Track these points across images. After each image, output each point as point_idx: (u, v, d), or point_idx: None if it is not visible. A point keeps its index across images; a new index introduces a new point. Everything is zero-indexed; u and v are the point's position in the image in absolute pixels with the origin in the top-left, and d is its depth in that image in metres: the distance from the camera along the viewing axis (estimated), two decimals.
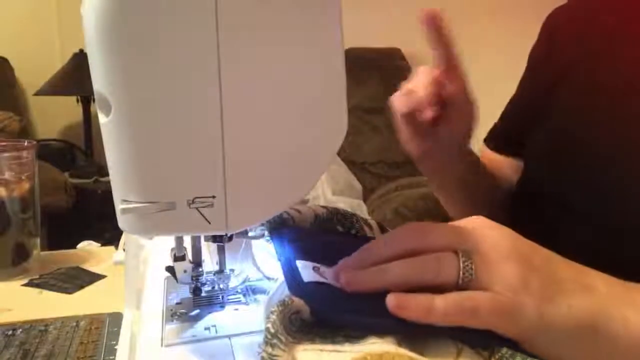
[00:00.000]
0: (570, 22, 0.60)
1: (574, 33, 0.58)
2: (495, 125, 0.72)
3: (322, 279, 0.34)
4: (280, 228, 0.42)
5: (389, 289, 0.32)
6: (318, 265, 0.35)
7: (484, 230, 0.35)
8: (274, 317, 0.29)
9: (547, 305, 0.32)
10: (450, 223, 0.36)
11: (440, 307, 0.30)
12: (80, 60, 2.01)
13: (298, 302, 0.30)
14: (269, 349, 0.28)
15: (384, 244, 0.36)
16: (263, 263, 0.42)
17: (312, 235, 0.42)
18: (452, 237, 0.34)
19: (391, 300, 0.31)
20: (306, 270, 0.34)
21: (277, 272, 0.38)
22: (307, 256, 0.36)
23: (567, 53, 0.57)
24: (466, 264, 0.32)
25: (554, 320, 0.32)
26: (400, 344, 0.30)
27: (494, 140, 0.71)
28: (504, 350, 0.31)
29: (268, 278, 0.41)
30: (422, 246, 0.34)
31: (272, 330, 0.28)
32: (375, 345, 0.29)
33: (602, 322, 0.32)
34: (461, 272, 0.32)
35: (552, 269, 0.34)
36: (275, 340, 0.28)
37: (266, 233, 0.42)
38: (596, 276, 0.35)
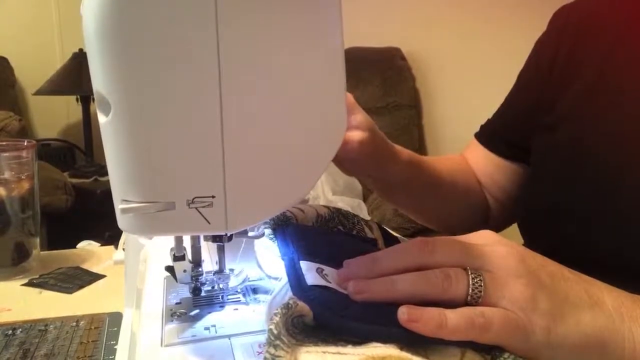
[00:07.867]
0: (580, 21, 0.58)
1: (584, 32, 0.56)
2: (490, 121, 0.69)
3: (325, 283, 0.33)
4: (284, 226, 0.42)
5: (396, 301, 0.32)
6: (322, 266, 0.35)
7: (493, 247, 0.35)
8: (277, 318, 0.29)
9: (556, 323, 0.32)
10: (459, 238, 0.36)
11: (452, 322, 0.30)
12: (80, 60, 2.01)
13: (302, 306, 0.30)
14: (272, 350, 0.28)
15: (392, 255, 0.35)
16: (265, 262, 0.42)
17: (316, 234, 0.42)
18: (461, 254, 0.34)
19: (403, 313, 0.30)
20: (310, 273, 0.34)
21: (279, 271, 0.38)
22: (310, 256, 0.36)
23: (577, 54, 0.56)
24: (475, 280, 0.32)
25: (562, 337, 0.32)
26: (402, 347, 0.30)
27: (486, 136, 0.69)
28: (507, 354, 0.31)
29: (270, 277, 0.41)
30: (432, 261, 0.34)
31: (275, 332, 0.28)
32: (378, 348, 0.29)
33: (610, 338, 0.33)
34: (470, 289, 0.32)
35: (560, 286, 0.34)
36: (278, 342, 0.28)
37: (267, 232, 0.42)
38: (604, 290, 0.35)
